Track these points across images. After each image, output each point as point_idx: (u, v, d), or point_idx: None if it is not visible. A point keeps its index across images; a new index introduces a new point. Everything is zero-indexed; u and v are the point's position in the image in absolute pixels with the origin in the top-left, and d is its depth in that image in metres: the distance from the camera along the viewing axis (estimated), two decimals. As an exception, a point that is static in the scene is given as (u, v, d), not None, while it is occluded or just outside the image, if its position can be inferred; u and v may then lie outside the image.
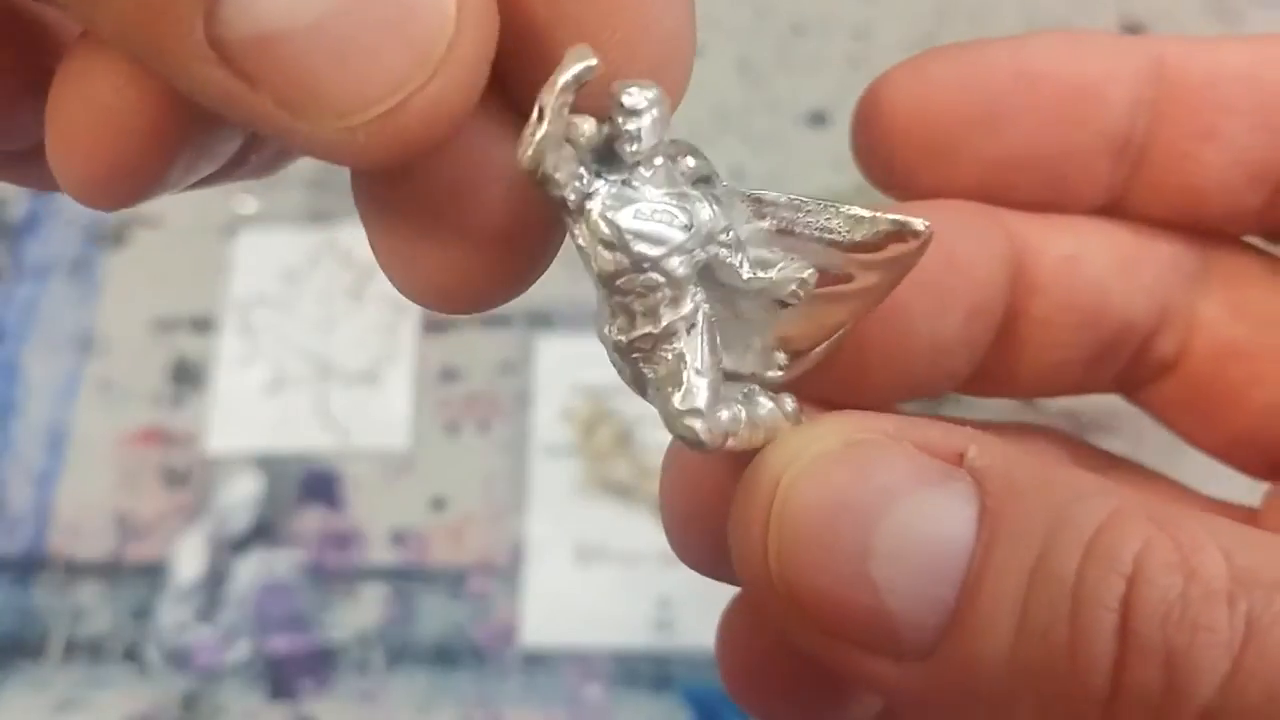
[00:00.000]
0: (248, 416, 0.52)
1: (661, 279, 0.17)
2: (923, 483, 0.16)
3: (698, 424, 0.17)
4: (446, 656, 0.47)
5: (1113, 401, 0.26)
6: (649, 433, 0.49)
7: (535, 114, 0.16)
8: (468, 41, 0.16)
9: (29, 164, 0.21)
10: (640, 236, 0.17)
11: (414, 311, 0.53)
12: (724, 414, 0.17)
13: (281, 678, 0.47)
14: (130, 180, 0.18)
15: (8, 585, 0.49)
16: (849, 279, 0.18)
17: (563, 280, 0.59)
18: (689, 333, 0.17)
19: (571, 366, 0.51)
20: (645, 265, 0.17)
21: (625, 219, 0.17)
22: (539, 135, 0.16)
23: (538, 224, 0.18)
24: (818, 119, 0.56)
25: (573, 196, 0.17)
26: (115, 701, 0.47)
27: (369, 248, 0.19)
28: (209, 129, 0.19)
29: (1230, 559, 0.15)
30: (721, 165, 0.57)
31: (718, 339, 0.18)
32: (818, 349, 0.19)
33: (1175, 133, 0.22)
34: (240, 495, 0.51)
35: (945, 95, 0.22)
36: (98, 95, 0.17)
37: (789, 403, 0.18)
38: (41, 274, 0.56)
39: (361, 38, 0.15)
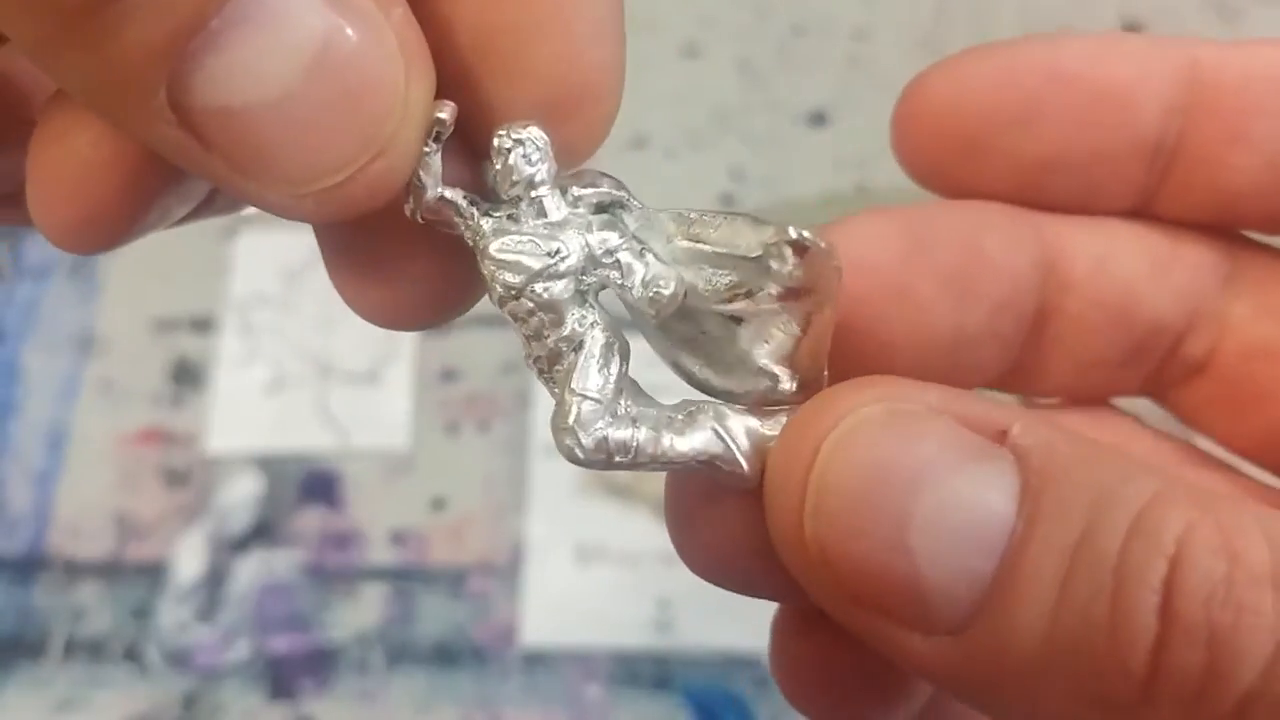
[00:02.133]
0: (248, 416, 0.52)
1: (531, 304, 0.18)
2: (966, 456, 0.16)
3: (567, 439, 0.18)
4: (446, 656, 0.47)
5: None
6: (649, 433, 0.49)
7: None
8: (413, 120, 0.17)
9: (15, 206, 0.22)
10: (503, 266, 0.18)
11: (414, 311, 0.53)
12: (615, 433, 0.18)
13: (281, 678, 0.47)
14: (107, 228, 0.19)
15: (8, 585, 0.49)
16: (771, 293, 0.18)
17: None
18: (575, 353, 0.18)
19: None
20: (512, 292, 0.18)
21: (494, 250, 0.18)
22: (410, 185, 0.18)
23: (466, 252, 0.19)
24: (818, 119, 0.56)
25: (466, 234, 0.18)
26: (115, 701, 0.47)
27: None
28: (183, 178, 0.20)
29: (1274, 546, 0.15)
30: (721, 165, 0.57)
31: (613, 361, 0.18)
32: (816, 361, 0.19)
33: (1205, 136, 0.22)
34: (240, 495, 0.51)
35: (980, 95, 0.22)
36: (75, 150, 0.19)
37: (755, 423, 0.19)
38: (41, 274, 0.56)
39: (317, 117, 0.16)
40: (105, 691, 0.47)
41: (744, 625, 0.46)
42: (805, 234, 0.18)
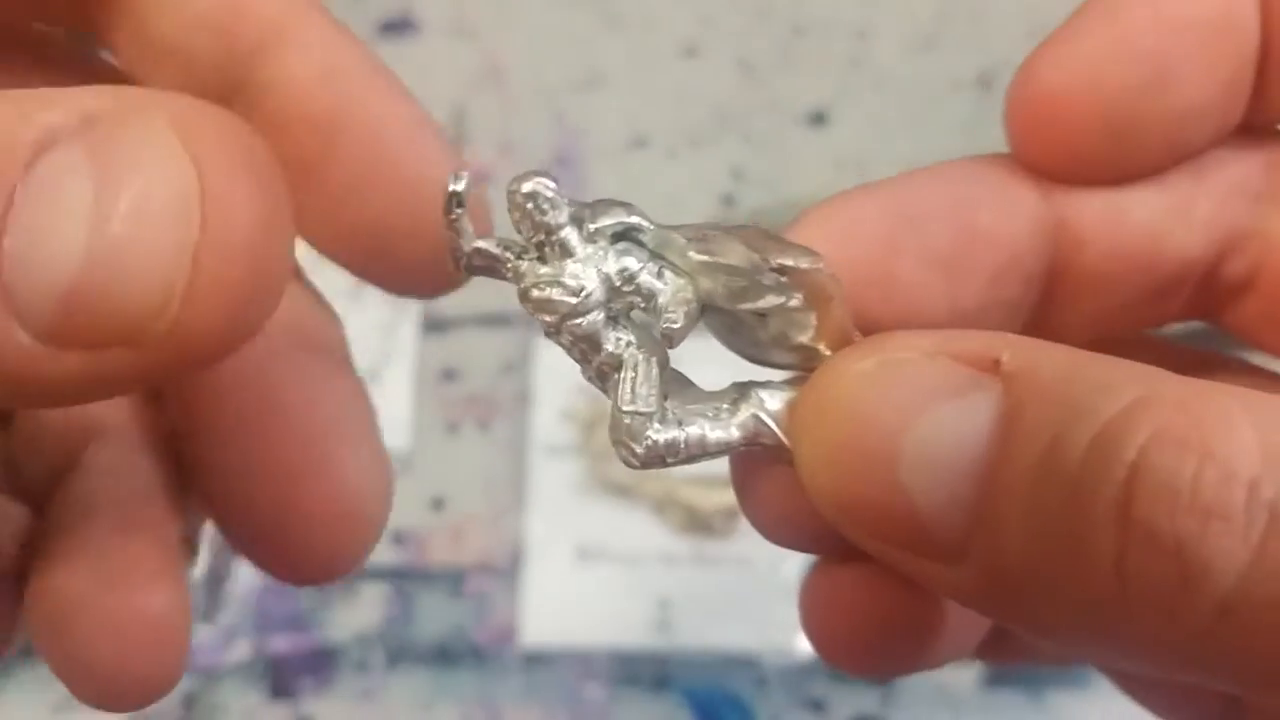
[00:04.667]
0: (248, 416, 0.52)
1: (570, 337, 0.19)
2: (950, 392, 0.17)
3: (621, 451, 0.20)
4: (446, 656, 0.47)
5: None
6: (649, 433, 0.49)
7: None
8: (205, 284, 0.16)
9: None
10: (539, 307, 0.19)
11: (414, 311, 0.53)
12: (663, 437, 0.19)
13: (281, 678, 0.47)
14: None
15: (8, 585, 0.49)
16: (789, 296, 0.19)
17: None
18: (618, 372, 0.20)
19: (571, 366, 0.51)
20: (551, 329, 0.19)
21: (526, 294, 0.19)
22: (448, 248, 0.20)
23: None
24: (818, 119, 0.56)
25: (510, 278, 0.20)
26: (115, 701, 0.47)
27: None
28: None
29: (1265, 437, 0.14)
30: (722, 165, 0.58)
31: (652, 373, 0.20)
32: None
33: None
34: (240, 495, 0.51)
35: (1105, 68, 0.21)
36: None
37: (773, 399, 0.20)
38: (41, 274, 0.56)
39: (122, 252, 0.16)
40: (105, 691, 0.47)
41: (744, 625, 0.46)
42: (788, 263, 0.19)
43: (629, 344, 0.20)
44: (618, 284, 0.19)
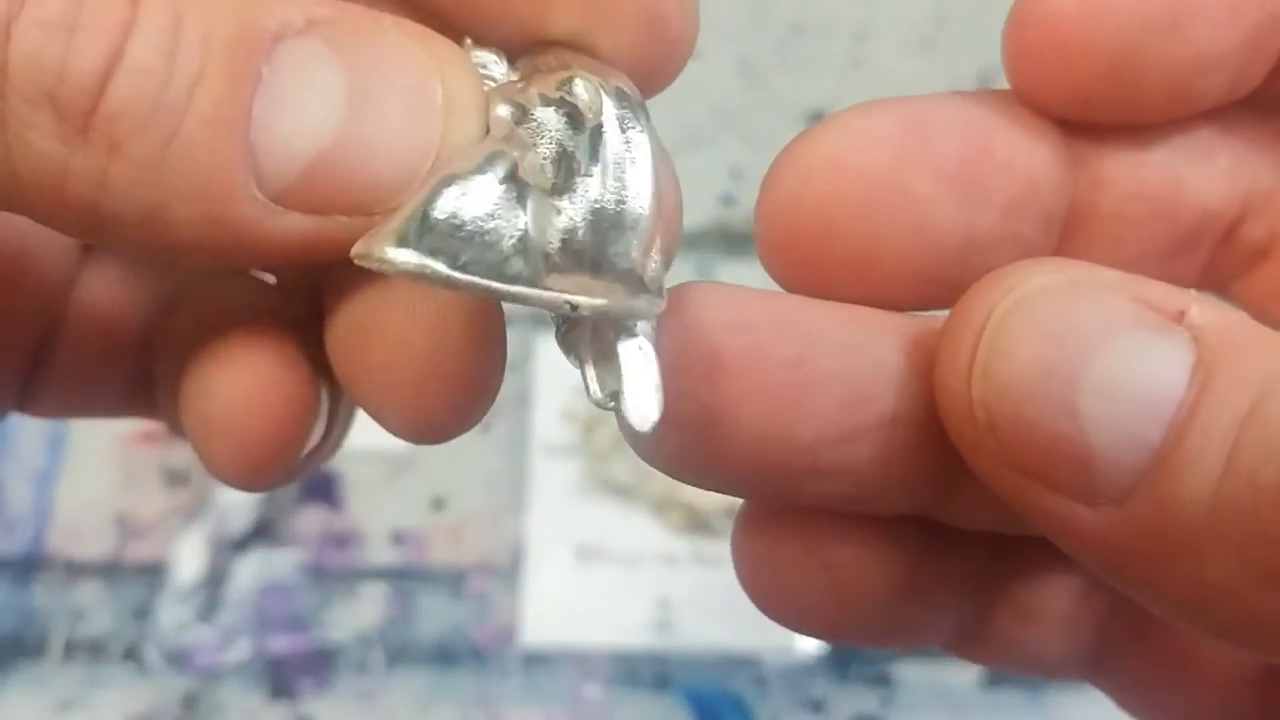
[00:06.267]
0: (248, 416, 0.52)
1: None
2: (1142, 327, 0.16)
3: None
4: (446, 656, 0.47)
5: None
6: (649, 433, 0.49)
7: None
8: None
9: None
10: None
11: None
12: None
13: (281, 678, 0.47)
14: (280, 461, 0.22)
15: (8, 585, 0.49)
16: None
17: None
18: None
19: (572, 366, 0.51)
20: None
21: None
22: None
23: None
24: (817, 119, 0.56)
25: None
26: (115, 701, 0.47)
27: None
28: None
29: None
30: (721, 165, 0.57)
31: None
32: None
33: None
34: (240, 495, 0.51)
35: (1120, 3, 0.20)
36: (243, 393, 0.22)
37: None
38: (41, 274, 0.56)
39: (376, 137, 0.17)
40: (105, 691, 0.47)
41: (744, 625, 0.46)
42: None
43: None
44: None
